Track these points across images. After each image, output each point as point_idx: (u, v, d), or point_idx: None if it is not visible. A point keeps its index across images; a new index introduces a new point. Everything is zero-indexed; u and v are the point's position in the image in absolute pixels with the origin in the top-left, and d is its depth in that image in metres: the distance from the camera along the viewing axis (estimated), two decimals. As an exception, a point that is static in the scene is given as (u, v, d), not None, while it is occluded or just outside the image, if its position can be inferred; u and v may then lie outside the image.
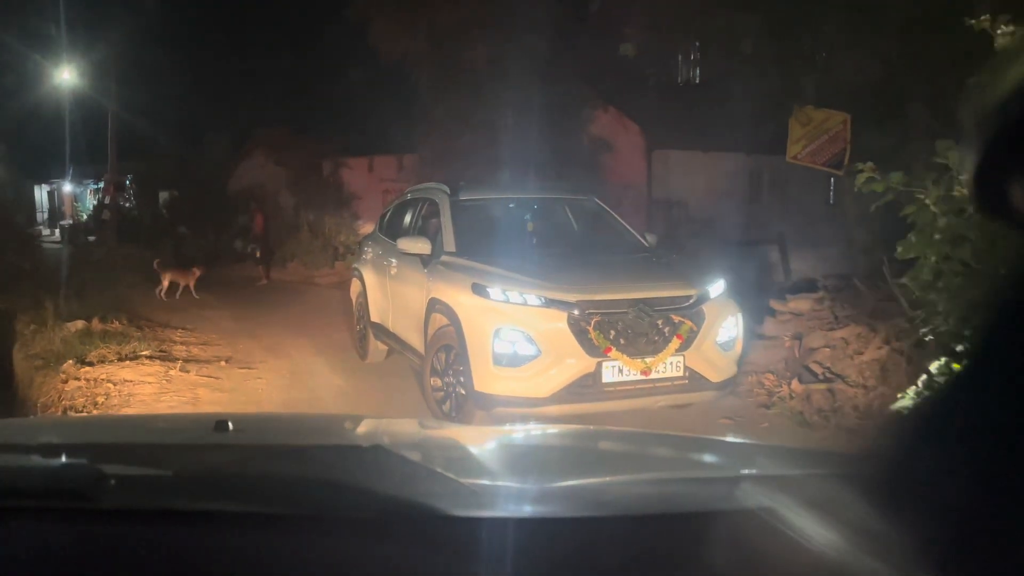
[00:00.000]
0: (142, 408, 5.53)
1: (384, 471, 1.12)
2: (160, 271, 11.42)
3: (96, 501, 1.01)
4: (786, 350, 6.44)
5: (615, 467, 1.55)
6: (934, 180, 3.65)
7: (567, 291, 4.53)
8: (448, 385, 4.88)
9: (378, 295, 6.49)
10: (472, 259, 5.05)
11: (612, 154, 12.75)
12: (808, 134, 7.67)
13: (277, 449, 1.48)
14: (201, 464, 1.23)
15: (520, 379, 4.42)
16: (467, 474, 1.24)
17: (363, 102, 17.08)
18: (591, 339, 4.41)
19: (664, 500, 1.14)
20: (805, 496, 0.91)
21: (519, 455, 1.56)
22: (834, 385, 5.36)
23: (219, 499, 1.05)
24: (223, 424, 1.45)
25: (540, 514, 1.06)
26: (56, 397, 5.88)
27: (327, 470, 1.17)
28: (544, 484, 1.19)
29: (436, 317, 5.05)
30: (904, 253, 3.64)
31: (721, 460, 1.64)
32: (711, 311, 4.72)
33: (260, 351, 7.67)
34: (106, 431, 1.90)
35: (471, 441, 1.65)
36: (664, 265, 5.36)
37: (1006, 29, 3.79)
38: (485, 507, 1.06)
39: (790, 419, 5.12)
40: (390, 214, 6.95)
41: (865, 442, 0.75)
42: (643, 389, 4.53)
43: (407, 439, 1.76)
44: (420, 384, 5.34)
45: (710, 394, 4.80)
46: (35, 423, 2.20)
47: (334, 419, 2.38)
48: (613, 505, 1.10)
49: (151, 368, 6.62)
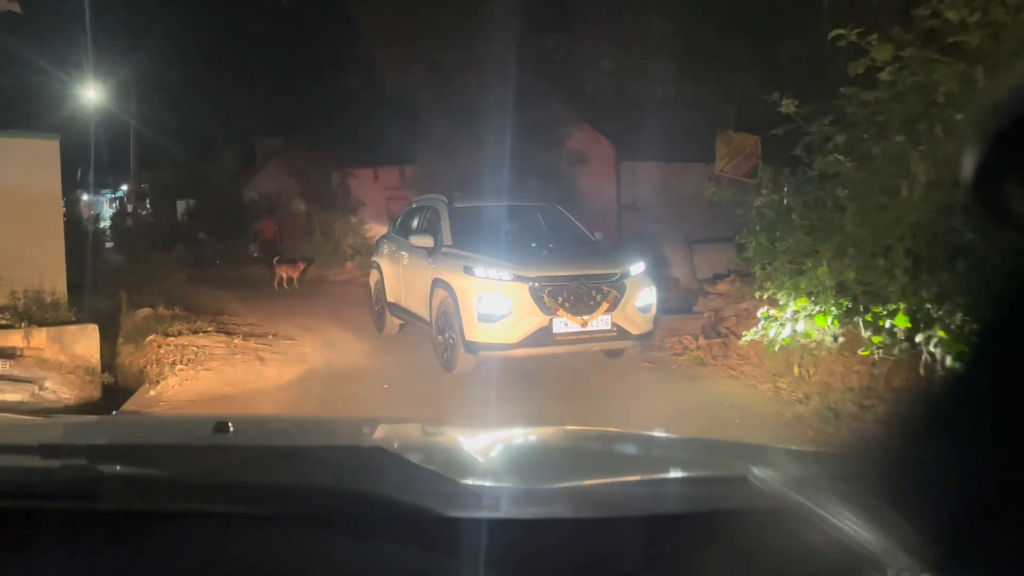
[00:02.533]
0: (222, 362, 7.51)
1: (385, 472, 1.12)
2: (276, 266, 14.53)
3: (96, 502, 1.01)
4: (705, 319, 8.43)
5: (617, 468, 1.53)
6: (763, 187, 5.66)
7: (529, 269, 6.53)
8: (447, 339, 6.87)
9: (393, 280, 8.49)
10: (464, 249, 7.04)
11: (586, 165, 14.77)
12: (730, 152, 9.69)
13: (277, 451, 1.47)
14: (201, 466, 1.23)
15: (496, 330, 6.42)
16: (468, 475, 1.24)
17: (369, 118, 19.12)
18: (545, 302, 6.40)
19: (665, 501, 1.15)
20: (807, 497, 0.90)
21: (520, 456, 1.54)
22: (727, 339, 7.35)
23: (219, 501, 1.05)
24: (223, 425, 1.44)
25: (542, 515, 1.05)
26: (154, 358, 7.84)
27: (327, 472, 1.19)
28: (545, 485, 1.18)
29: (438, 292, 7.03)
30: (739, 239, 5.65)
31: (723, 461, 1.63)
32: (632, 284, 6.72)
33: (296, 330, 9.61)
34: (106, 432, 1.90)
35: (472, 443, 1.61)
36: (601, 252, 7.36)
37: (871, 38, 4.80)
38: (486, 508, 1.06)
39: (693, 363, 7.12)
40: (401, 218, 8.96)
41: (865, 443, 0.88)
42: (582, 337, 6.52)
43: (408, 441, 1.77)
44: (431, 340, 7.30)
45: (631, 343, 6.79)
46: (35, 423, 2.29)
47: (334, 421, 2.36)
48: (615, 506, 1.09)
49: (218, 338, 8.60)
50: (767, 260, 5.53)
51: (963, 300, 4.48)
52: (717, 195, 5.84)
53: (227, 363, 7.53)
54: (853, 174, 4.83)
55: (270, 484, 1.11)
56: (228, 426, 1.45)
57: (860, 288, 4.90)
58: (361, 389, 6.56)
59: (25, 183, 8.06)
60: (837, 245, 4.89)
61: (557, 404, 5.91)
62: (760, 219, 5.65)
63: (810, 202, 5.21)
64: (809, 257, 5.16)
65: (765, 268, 5.84)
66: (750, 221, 5.62)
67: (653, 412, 5.58)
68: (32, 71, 15.89)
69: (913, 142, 4.39)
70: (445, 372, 6.86)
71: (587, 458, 1.64)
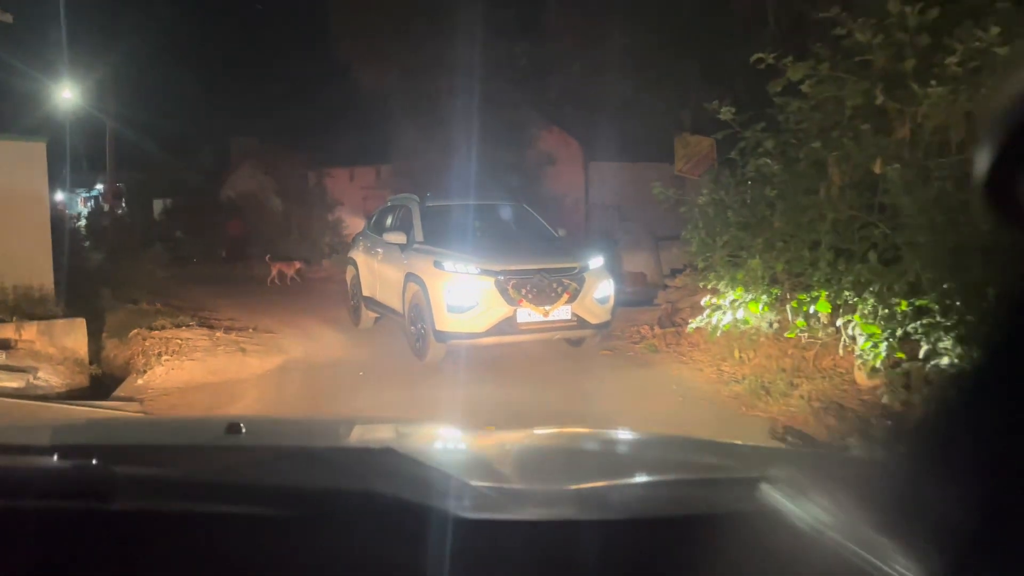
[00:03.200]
0: (205, 353, 7.93)
1: (395, 473, 1.14)
2: (271, 263, 14.85)
3: (107, 503, 1.02)
4: (662, 311, 8.99)
5: (625, 470, 1.53)
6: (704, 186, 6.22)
7: (495, 264, 7.04)
8: (419, 329, 7.35)
9: (368, 275, 8.95)
10: (434, 245, 7.53)
11: (556, 166, 15.32)
12: (688, 154, 10.28)
13: (288, 451, 1.47)
14: (212, 466, 1.24)
15: (465, 321, 6.92)
16: (478, 477, 1.24)
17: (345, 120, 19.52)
18: (510, 294, 6.91)
19: (673, 503, 1.14)
20: (813, 498, 0.90)
21: (529, 458, 1.53)
22: (680, 329, 7.91)
23: (230, 502, 1.06)
24: (235, 426, 1.44)
25: (550, 517, 1.06)
26: (140, 350, 8.23)
27: (338, 473, 1.22)
28: (554, 487, 1.19)
29: (411, 285, 7.51)
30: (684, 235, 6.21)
31: (729, 462, 1.63)
32: (591, 277, 7.25)
33: (276, 323, 10.03)
34: (118, 432, 1.90)
35: (481, 444, 1.63)
36: (562, 248, 7.89)
37: (787, 60, 5.78)
38: (496, 510, 1.07)
39: (648, 350, 7.67)
40: (376, 216, 9.43)
41: (871, 446, 1.35)
42: (545, 327, 7.04)
43: (418, 442, 1.78)
44: (404, 331, 7.77)
45: (590, 331, 7.32)
46: (47, 424, 2.18)
47: (345, 422, 2.58)
48: (623, 508, 1.10)
49: (201, 332, 9.00)
50: (708, 254, 6.08)
51: (875, 288, 5.06)
52: (662, 194, 6.39)
53: (210, 354, 7.95)
54: (780, 176, 5.40)
55: (282, 485, 1.13)
56: (240, 427, 1.45)
57: (788, 278, 5.47)
58: (338, 376, 7.02)
59: (14, 184, 8.41)
60: (767, 240, 5.45)
61: (521, 387, 6.42)
62: (702, 216, 6.20)
63: (744, 201, 5.77)
64: (744, 250, 5.72)
65: (707, 261, 6.39)
66: (694, 218, 6.17)
67: (606, 393, 6.13)
68: (7, 71, 16.08)
69: (829, 148, 4.95)
70: (417, 360, 7.34)
71: (596, 460, 1.65)
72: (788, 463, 1.53)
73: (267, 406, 6.06)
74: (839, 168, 4.88)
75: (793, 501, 0.94)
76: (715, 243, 6.20)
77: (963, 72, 4.33)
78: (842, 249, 5.30)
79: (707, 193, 6.17)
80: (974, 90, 4.31)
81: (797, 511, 0.90)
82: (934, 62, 4.50)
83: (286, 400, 6.27)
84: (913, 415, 4.89)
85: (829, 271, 5.26)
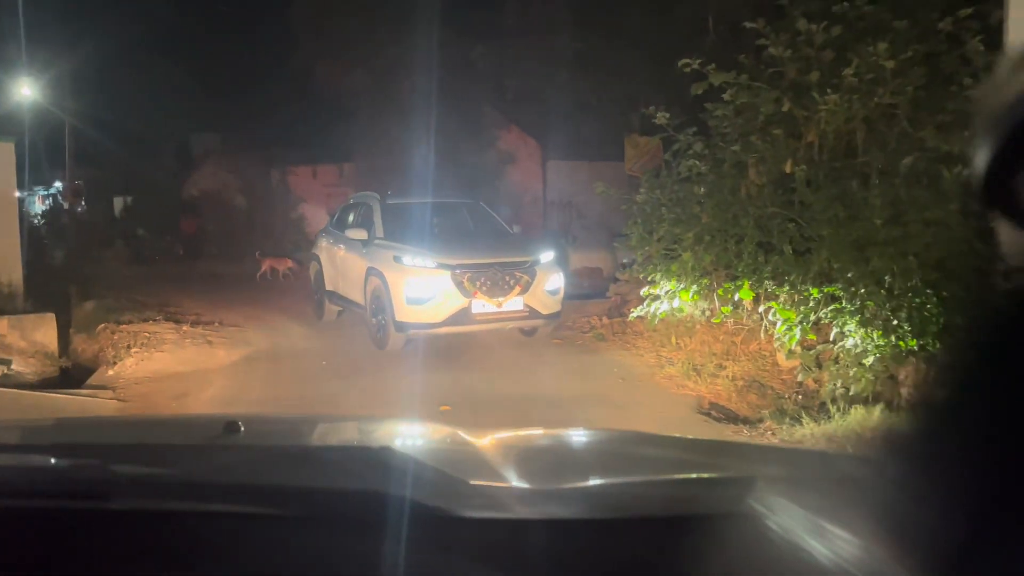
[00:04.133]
0: (174, 346, 8.25)
1: (394, 472, 1.13)
2: (260, 259, 14.87)
3: (107, 502, 1.02)
4: (611, 302, 9.52)
5: (621, 469, 1.53)
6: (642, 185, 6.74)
7: (451, 258, 7.49)
8: (380, 320, 7.77)
9: (331, 270, 9.33)
10: (394, 241, 7.96)
11: (515, 164, 15.82)
12: (637, 154, 10.84)
13: (287, 451, 1.48)
14: (211, 466, 1.24)
15: (423, 311, 7.36)
16: (475, 475, 1.24)
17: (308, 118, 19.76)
18: (465, 287, 7.36)
19: (669, 502, 1.14)
20: (809, 498, 0.91)
21: (526, 457, 1.54)
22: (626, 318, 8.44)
23: (229, 501, 1.06)
24: (233, 425, 1.44)
25: (547, 515, 1.06)
26: (109, 343, 8.51)
27: (337, 472, 1.21)
28: (553, 486, 1.19)
29: (372, 279, 7.92)
30: (624, 231, 6.73)
31: (726, 462, 1.62)
32: (542, 270, 7.73)
33: (241, 318, 10.33)
34: (116, 432, 1.91)
35: (478, 443, 1.60)
36: (515, 243, 8.37)
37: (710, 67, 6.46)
38: (492, 508, 1.07)
39: (595, 338, 8.19)
40: (338, 214, 9.82)
41: (866, 446, 1.07)
42: (498, 317, 7.51)
43: (415, 441, 1.78)
44: (366, 323, 8.18)
45: (541, 321, 7.82)
46: (46, 424, 2.29)
47: (344, 421, 2.45)
48: (619, 507, 1.10)
49: (167, 326, 9.30)
50: (646, 248, 6.60)
51: (790, 278, 5.63)
52: (604, 193, 6.90)
53: (179, 346, 8.27)
54: (708, 176, 5.94)
55: (280, 484, 1.13)
56: (239, 426, 1.44)
57: (716, 269, 6.02)
58: (303, 365, 7.41)
59: (-19, 182, 8.63)
60: (697, 234, 5.99)
61: (475, 373, 6.88)
62: (641, 213, 6.72)
63: (677, 199, 6.30)
64: (678, 244, 6.25)
65: (645, 255, 6.92)
66: (633, 215, 6.69)
67: (553, 376, 6.62)
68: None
69: (747, 151, 5.50)
70: (378, 349, 7.75)
71: (594, 459, 1.67)
72: (785, 463, 1.56)
73: (236, 392, 6.43)
74: (757, 169, 5.42)
75: (784, 501, 0.94)
76: (652, 238, 6.72)
77: (859, 83, 4.89)
78: (764, 242, 5.85)
79: (645, 192, 6.69)
80: (868, 99, 4.87)
81: (784, 514, 0.90)
82: (836, 74, 5.05)
83: (254, 387, 6.64)
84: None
85: (752, 262, 5.81)
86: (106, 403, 6.17)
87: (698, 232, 5.94)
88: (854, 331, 5.22)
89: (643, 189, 6.69)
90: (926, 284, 4.97)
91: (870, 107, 4.96)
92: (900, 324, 5.04)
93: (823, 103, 4.96)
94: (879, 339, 5.10)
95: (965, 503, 0.54)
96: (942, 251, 4.93)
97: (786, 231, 5.70)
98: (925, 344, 5.01)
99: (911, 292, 5.00)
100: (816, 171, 5.25)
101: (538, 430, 1.91)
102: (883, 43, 4.69)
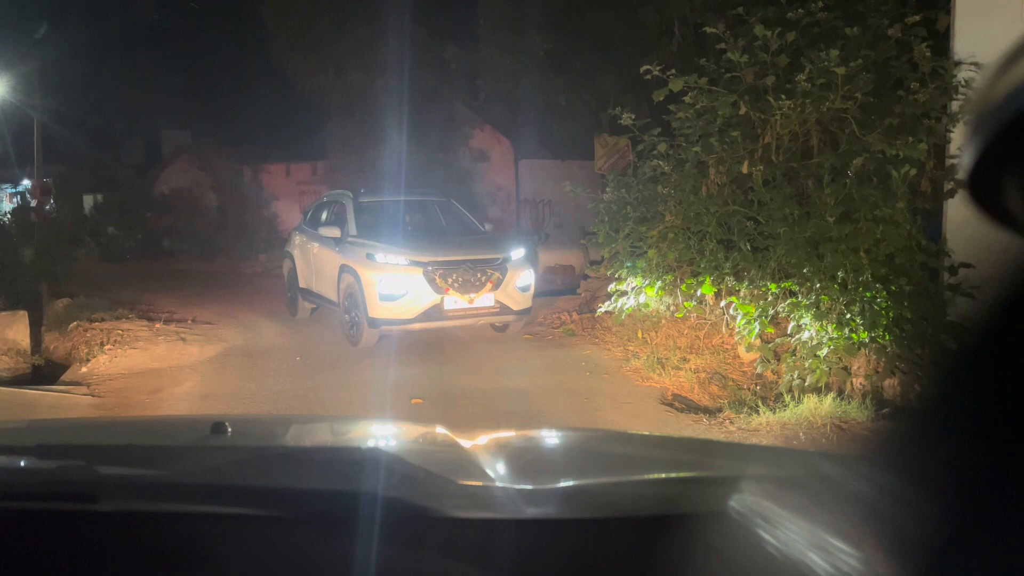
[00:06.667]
0: (147, 342, 8.29)
1: (383, 473, 1.12)
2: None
3: (94, 503, 1.02)
4: (582, 299, 9.73)
5: (612, 469, 1.54)
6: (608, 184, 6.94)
7: (423, 255, 7.63)
8: (353, 317, 7.89)
9: (304, 268, 9.42)
10: (367, 239, 8.08)
11: (488, 163, 15.98)
12: (607, 153, 11.04)
13: (275, 451, 1.48)
14: (198, 467, 1.24)
15: (395, 308, 7.49)
16: (464, 476, 1.24)
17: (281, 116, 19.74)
18: (437, 283, 7.51)
19: (662, 502, 1.15)
20: (794, 498, 0.88)
21: (516, 456, 1.54)
22: (594, 314, 8.65)
23: (217, 502, 1.06)
24: (220, 426, 1.44)
25: (537, 515, 1.06)
26: (81, 341, 8.53)
27: (326, 473, 1.21)
28: (541, 485, 1.17)
29: (345, 276, 8.04)
30: (592, 228, 6.92)
31: (719, 462, 1.60)
32: (512, 267, 7.91)
33: (214, 316, 10.39)
34: (103, 433, 1.91)
35: (468, 443, 1.59)
36: (486, 240, 8.54)
37: (670, 73, 6.67)
38: (482, 508, 1.07)
39: (566, 334, 8.39)
40: (312, 211, 9.91)
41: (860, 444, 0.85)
42: (470, 313, 7.67)
43: (404, 441, 1.79)
44: (339, 320, 8.29)
45: (512, 317, 7.99)
46: (32, 425, 2.27)
47: (332, 421, 2.41)
48: (610, 507, 1.10)
49: (140, 323, 9.34)
50: (613, 245, 6.80)
51: (749, 274, 5.85)
52: (572, 192, 7.09)
53: (152, 343, 8.32)
54: (671, 175, 6.15)
55: (268, 485, 1.13)
56: (226, 427, 1.44)
57: (679, 266, 6.23)
58: (276, 362, 7.51)
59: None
60: (661, 232, 6.20)
61: (447, 367, 7.04)
62: (607, 211, 6.92)
63: (642, 198, 6.51)
64: (642, 242, 6.45)
65: (612, 252, 7.12)
66: (600, 214, 6.88)
67: (523, 370, 6.79)
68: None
69: (707, 152, 5.72)
70: (351, 346, 7.87)
71: (586, 458, 1.66)
72: (776, 461, 1.57)
73: (210, 387, 6.52)
74: (717, 169, 5.64)
75: (778, 500, 0.91)
76: (618, 236, 6.92)
77: (811, 88, 5.12)
78: (724, 240, 6.08)
79: (611, 190, 6.88)
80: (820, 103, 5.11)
81: (768, 514, 0.89)
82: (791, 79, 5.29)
83: (228, 382, 6.73)
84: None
85: (714, 259, 6.03)
86: (80, 399, 6.23)
87: (662, 230, 6.15)
88: (809, 324, 5.46)
89: (609, 188, 6.88)
90: (876, 279, 5.22)
91: (822, 111, 5.19)
92: (853, 317, 5.29)
93: (778, 107, 5.18)
94: (833, 332, 5.34)
95: (942, 505, 0.53)
96: (891, 247, 5.18)
97: (745, 229, 5.93)
98: (876, 336, 5.26)
99: (862, 286, 5.25)
100: (773, 171, 5.47)
101: (524, 431, 1.91)
102: (835, 50, 4.92)
